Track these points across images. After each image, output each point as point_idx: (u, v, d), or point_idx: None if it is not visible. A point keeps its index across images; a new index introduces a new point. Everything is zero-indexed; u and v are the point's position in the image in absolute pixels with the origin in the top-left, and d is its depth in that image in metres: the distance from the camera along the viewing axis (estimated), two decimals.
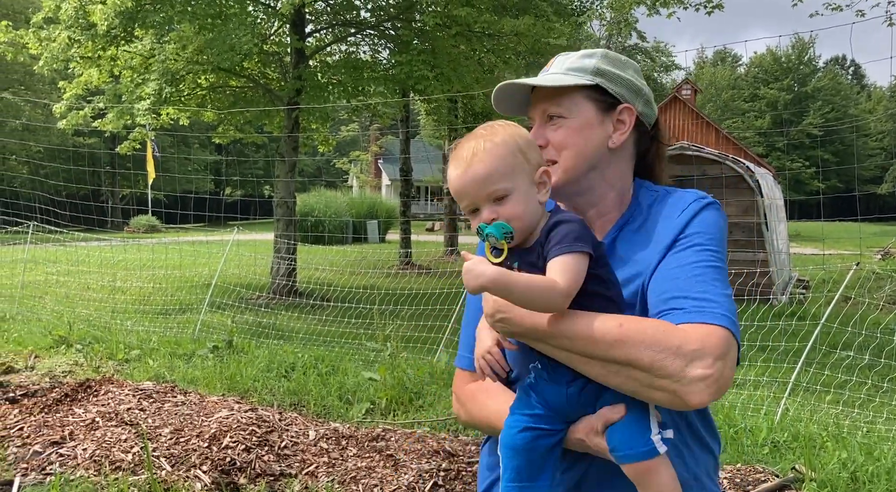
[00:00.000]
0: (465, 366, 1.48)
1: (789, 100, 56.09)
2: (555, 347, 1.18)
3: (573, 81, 1.33)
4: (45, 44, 10.30)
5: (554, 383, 1.22)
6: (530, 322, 1.18)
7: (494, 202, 1.21)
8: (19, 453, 3.78)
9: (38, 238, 10.84)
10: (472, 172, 1.21)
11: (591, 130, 1.34)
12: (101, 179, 38.57)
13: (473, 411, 1.41)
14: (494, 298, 1.20)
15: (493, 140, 1.23)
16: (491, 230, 1.19)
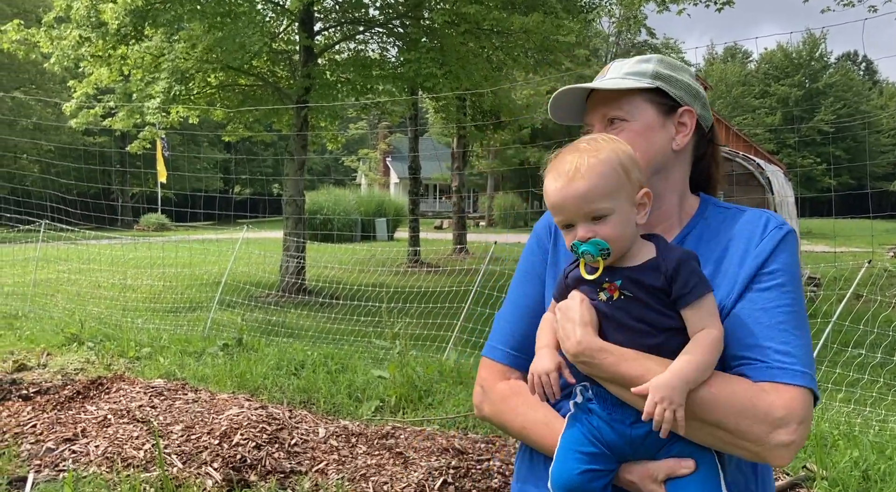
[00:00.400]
0: (499, 359, 1.42)
1: (800, 96, 55.71)
2: (637, 397, 1.14)
3: (634, 85, 1.32)
4: (56, 42, 10.36)
5: (616, 422, 1.18)
6: (619, 372, 1.15)
7: (592, 221, 1.17)
8: (33, 449, 3.81)
9: (50, 236, 10.91)
10: (573, 189, 1.18)
11: (653, 133, 1.32)
12: (111, 177, 38.80)
13: (504, 414, 1.37)
14: (583, 339, 1.16)
15: (598, 156, 1.19)
16: (587, 248, 1.16)
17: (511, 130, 22.69)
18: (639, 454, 1.18)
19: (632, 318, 1.17)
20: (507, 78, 14.67)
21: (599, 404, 1.20)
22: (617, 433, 1.17)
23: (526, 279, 1.44)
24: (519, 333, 1.40)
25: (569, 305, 1.21)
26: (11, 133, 32.44)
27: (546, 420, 1.29)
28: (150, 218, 32.28)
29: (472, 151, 25.27)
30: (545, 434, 1.28)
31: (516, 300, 1.43)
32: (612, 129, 1.32)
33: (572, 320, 1.19)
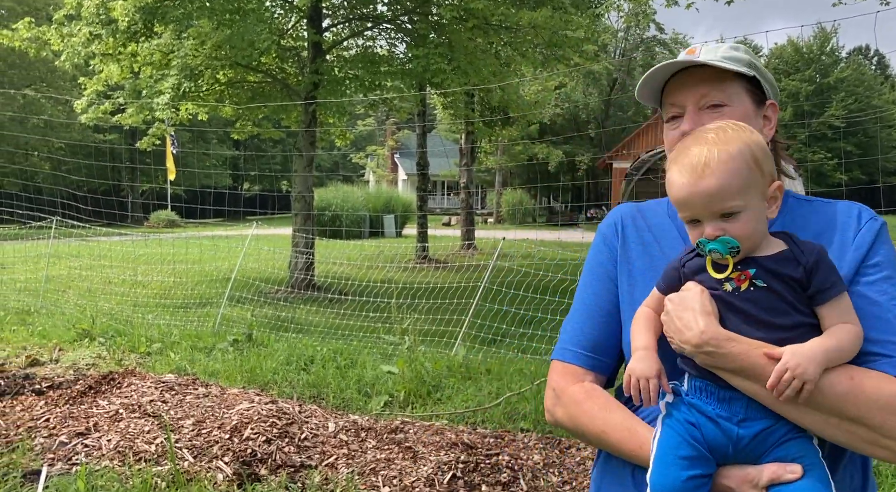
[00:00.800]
0: (570, 360, 1.36)
1: (811, 91, 55.30)
2: (762, 387, 1.08)
3: (741, 69, 1.26)
4: (66, 40, 10.42)
5: (723, 419, 1.11)
6: (749, 361, 1.09)
7: (721, 218, 1.12)
8: (46, 443, 3.85)
9: (61, 233, 10.99)
10: (704, 186, 1.11)
11: (750, 123, 1.25)
12: (121, 174, 39.02)
13: (580, 418, 1.30)
14: (707, 328, 1.11)
15: (728, 150, 1.12)
16: (715, 246, 1.11)
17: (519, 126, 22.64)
18: (741, 457, 1.11)
19: (762, 309, 1.11)
20: (516, 74, 14.64)
21: (704, 400, 1.14)
22: (723, 432, 1.11)
23: (595, 279, 1.40)
24: (590, 333, 1.36)
25: (685, 295, 1.17)
26: (22, 130, 32.67)
27: (626, 424, 1.24)
28: (160, 215, 32.46)
29: (481, 147, 25.23)
30: (626, 438, 1.23)
31: (585, 300, 1.40)
32: (710, 112, 1.26)
33: (692, 310, 1.14)
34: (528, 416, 4.67)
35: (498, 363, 6.12)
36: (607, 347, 1.35)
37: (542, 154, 38.13)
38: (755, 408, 1.11)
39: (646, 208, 1.43)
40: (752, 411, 1.10)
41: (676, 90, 1.29)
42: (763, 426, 1.09)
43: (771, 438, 1.09)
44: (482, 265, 8.48)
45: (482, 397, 5.09)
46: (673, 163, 1.17)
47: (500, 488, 3.51)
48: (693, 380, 1.17)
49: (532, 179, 41.32)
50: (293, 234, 11.58)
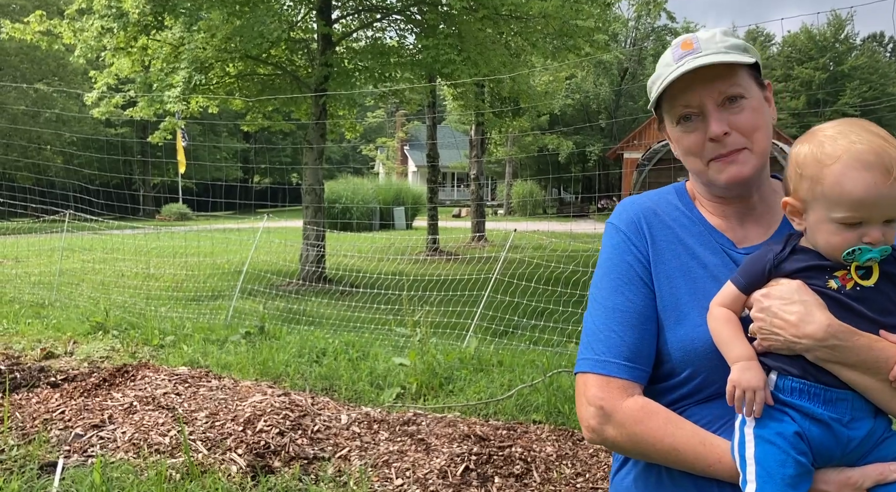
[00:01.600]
0: (615, 374, 1.26)
1: (824, 79, 54.72)
2: (880, 381, 1.06)
3: (749, 60, 1.24)
4: (78, 34, 10.45)
5: (834, 421, 1.07)
6: (872, 355, 1.05)
7: (885, 224, 1.07)
8: (62, 435, 3.88)
9: (74, 226, 11.07)
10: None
11: (764, 109, 1.26)
12: (132, 167, 39.22)
13: (645, 436, 1.20)
14: (833, 321, 1.07)
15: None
16: (875, 254, 1.07)
17: (529, 117, 22.55)
18: (846, 460, 1.08)
19: (871, 308, 1.09)
20: (526, 64, 14.55)
21: (806, 400, 1.09)
22: (834, 435, 1.07)
23: (625, 283, 1.30)
24: (631, 342, 1.26)
25: (785, 289, 1.12)
26: (35, 125, 32.89)
27: (700, 437, 1.16)
28: (171, 208, 32.66)
29: (491, 138, 25.15)
30: (702, 453, 1.15)
31: (618, 307, 1.29)
32: (731, 108, 1.23)
33: (803, 303, 1.09)
34: (540, 408, 4.66)
35: (510, 355, 6.11)
36: (648, 355, 1.27)
37: (553, 145, 37.99)
38: (859, 408, 1.08)
39: (657, 204, 1.37)
40: (857, 412, 1.08)
41: (687, 91, 1.24)
42: (869, 426, 1.07)
43: (874, 437, 1.07)
44: (493, 257, 8.46)
45: (494, 389, 5.09)
46: (858, 160, 1.07)
47: (513, 480, 3.51)
48: (786, 381, 1.11)
49: (542, 170, 41.19)
50: (304, 226, 11.60)
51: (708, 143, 1.23)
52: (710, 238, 1.29)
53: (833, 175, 1.07)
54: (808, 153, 1.13)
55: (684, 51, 1.25)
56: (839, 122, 1.14)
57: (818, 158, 1.10)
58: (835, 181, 1.07)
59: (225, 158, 43.97)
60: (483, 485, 3.45)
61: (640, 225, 1.33)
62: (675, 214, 1.35)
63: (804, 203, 1.14)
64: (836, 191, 1.07)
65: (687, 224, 1.33)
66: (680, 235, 1.31)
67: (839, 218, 1.08)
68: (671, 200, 1.37)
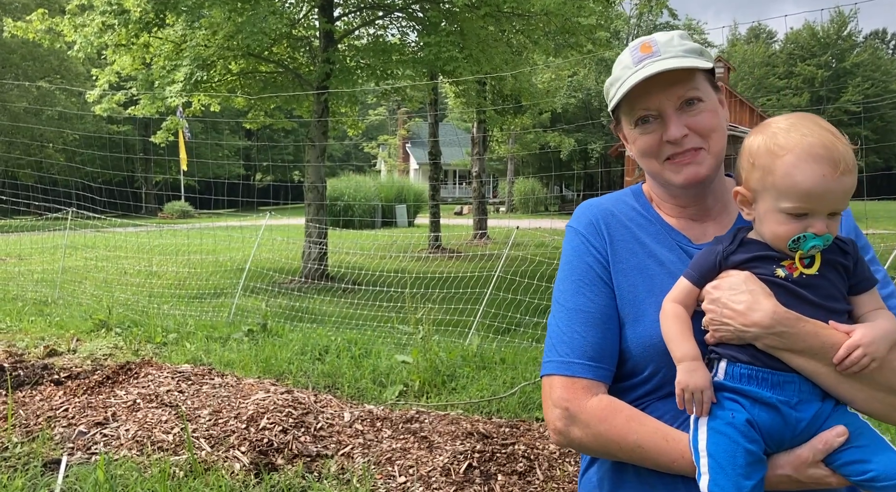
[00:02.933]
0: (579, 374, 1.26)
1: (827, 77, 54.57)
2: (826, 366, 1.09)
3: (706, 64, 1.26)
4: (79, 30, 10.45)
5: (783, 403, 1.10)
6: (818, 341, 1.09)
7: (830, 216, 1.11)
8: (65, 433, 3.89)
9: (77, 224, 11.08)
10: (844, 184, 1.10)
11: (720, 112, 1.28)
12: (134, 165, 39.26)
13: (609, 435, 1.21)
14: (778, 309, 1.10)
15: (851, 149, 1.12)
16: (818, 242, 1.10)
17: (531, 115, 22.53)
18: (795, 443, 1.10)
19: (818, 295, 1.13)
20: (528, 61, 14.53)
21: (755, 385, 1.12)
22: (783, 418, 1.09)
23: (586, 284, 1.31)
24: (594, 342, 1.27)
25: (734, 280, 1.15)
26: (37, 122, 32.92)
27: (662, 432, 1.18)
28: (173, 205, 32.66)
29: (493, 135, 25.12)
30: (666, 449, 1.16)
31: (580, 308, 1.30)
32: (689, 110, 1.25)
33: (751, 292, 1.12)
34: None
35: (512, 353, 6.11)
36: (612, 354, 1.28)
37: (555, 142, 37.93)
38: (806, 390, 1.11)
39: (615, 206, 1.39)
40: (804, 393, 1.11)
41: (645, 93, 1.25)
42: (817, 407, 1.10)
43: (820, 419, 1.10)
44: (495, 254, 8.46)
45: (497, 387, 5.09)
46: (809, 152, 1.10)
47: (516, 478, 3.51)
48: (734, 368, 1.14)
49: (544, 167, 41.15)
50: (306, 224, 11.60)
51: (665, 144, 1.26)
52: (667, 236, 1.32)
53: (784, 166, 1.10)
54: (760, 144, 1.15)
55: (643, 54, 1.26)
56: (791, 115, 1.17)
57: (770, 149, 1.13)
58: (785, 172, 1.10)
59: (227, 156, 43.99)
60: (486, 482, 3.45)
61: (598, 226, 1.35)
62: (632, 215, 1.36)
63: (754, 193, 1.16)
64: (786, 182, 1.10)
65: (644, 224, 1.35)
66: (637, 234, 1.34)
67: (787, 208, 1.11)
68: (628, 202, 1.39)
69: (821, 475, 1.09)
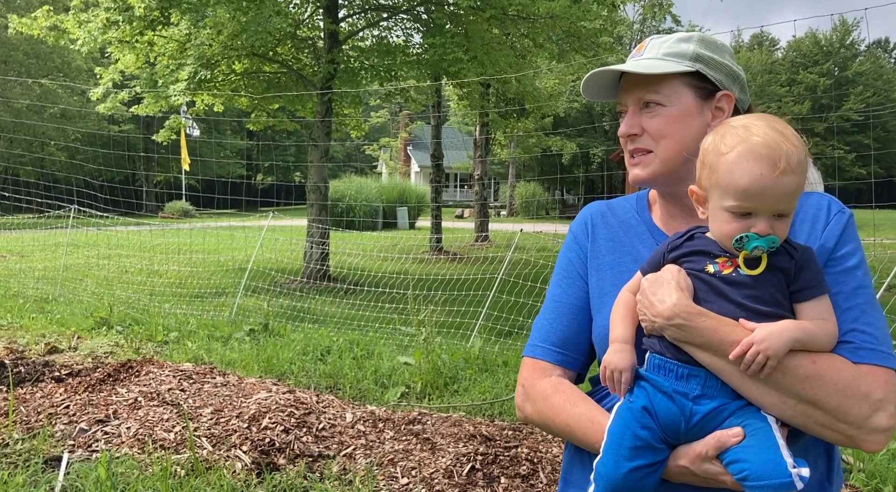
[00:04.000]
0: (539, 356, 1.38)
1: (829, 85, 54.62)
2: (728, 363, 1.10)
3: (671, 68, 1.26)
4: (83, 25, 10.44)
5: (679, 395, 1.13)
6: (717, 336, 1.10)
7: (775, 217, 1.11)
8: (66, 430, 3.86)
9: (78, 222, 11.06)
10: (784, 184, 1.09)
11: (690, 119, 1.27)
12: (136, 164, 39.27)
13: (546, 413, 1.31)
14: (679, 302, 1.12)
15: (800, 154, 1.11)
16: (761, 243, 1.10)
17: (534, 119, 22.53)
18: (692, 435, 1.12)
19: (742, 295, 1.12)
20: (532, 65, 14.53)
21: (662, 376, 1.15)
22: (678, 407, 1.12)
23: (564, 278, 1.41)
24: (559, 329, 1.37)
25: (660, 273, 1.19)
26: (39, 120, 32.94)
27: (590, 415, 1.25)
28: (174, 205, 32.66)
29: (495, 139, 25.13)
30: (590, 430, 1.23)
31: (555, 298, 1.41)
32: (646, 112, 1.28)
33: (666, 286, 1.15)
34: None
35: (515, 355, 6.09)
36: (577, 342, 1.36)
37: (556, 147, 37.94)
38: (712, 386, 1.12)
39: (616, 205, 1.45)
40: (708, 389, 1.12)
41: (622, 90, 1.33)
42: (716, 404, 1.11)
43: (721, 416, 1.11)
44: (497, 257, 8.44)
45: (499, 389, 5.07)
46: (750, 150, 1.10)
47: (519, 481, 3.49)
48: (653, 358, 1.17)
49: (546, 171, 41.15)
50: (308, 224, 11.58)
51: (625, 139, 1.33)
52: (650, 236, 1.36)
53: (726, 164, 1.12)
54: (710, 143, 1.17)
55: (637, 52, 1.34)
56: (749, 115, 1.18)
57: (717, 148, 1.14)
58: (726, 170, 1.12)
59: (228, 156, 44.00)
60: (489, 485, 3.43)
61: (587, 225, 1.43)
62: (626, 216, 1.42)
63: (705, 191, 1.18)
64: (726, 179, 1.11)
65: (633, 225, 1.40)
66: (620, 233, 1.39)
67: (729, 206, 1.12)
68: (629, 204, 1.44)
69: (714, 471, 1.10)
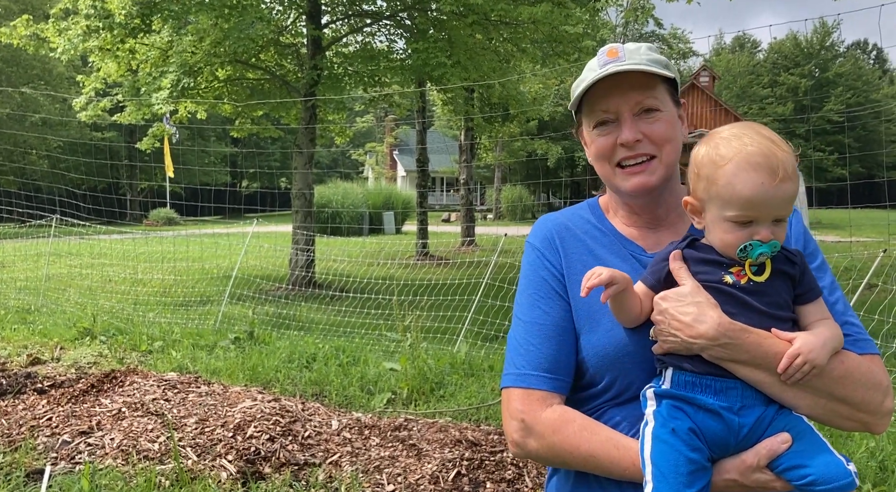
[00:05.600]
0: (535, 386, 1.27)
1: (810, 86, 55.24)
2: (770, 375, 1.11)
3: (669, 74, 1.28)
4: (63, 33, 10.37)
5: (725, 410, 1.12)
6: (761, 351, 1.11)
7: (774, 223, 1.14)
8: (49, 442, 3.83)
9: (60, 231, 10.96)
10: (784, 191, 1.12)
11: (677, 125, 1.31)
12: (119, 172, 38.95)
13: (562, 445, 1.22)
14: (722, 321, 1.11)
15: (793, 160, 1.14)
16: (765, 249, 1.12)
17: (518, 123, 22.61)
18: (740, 447, 1.12)
19: (762, 303, 1.14)
20: (515, 69, 14.60)
21: (699, 392, 1.14)
22: (726, 424, 1.11)
23: (541, 298, 1.33)
24: (549, 354, 1.28)
25: (682, 290, 1.17)
26: (20, 129, 32.60)
27: (614, 441, 1.19)
28: (158, 213, 32.43)
29: (480, 143, 25.19)
30: (617, 457, 1.17)
31: (536, 321, 1.32)
32: (646, 117, 1.27)
33: (697, 304, 1.14)
34: None
35: (501, 360, 6.10)
36: (567, 365, 1.29)
37: (542, 150, 38.08)
38: (749, 396, 1.13)
39: (570, 219, 1.41)
40: (747, 399, 1.13)
41: (606, 96, 1.28)
42: (759, 413, 1.12)
43: (764, 423, 1.12)
44: (483, 262, 8.46)
45: (485, 394, 5.08)
46: (747, 162, 1.12)
47: (505, 486, 3.50)
48: (681, 376, 1.16)
49: (531, 174, 41.31)
50: (293, 231, 11.55)
51: (618, 147, 1.27)
52: (621, 246, 1.33)
53: (725, 176, 1.13)
54: (704, 154, 1.18)
55: (609, 58, 1.28)
56: (735, 125, 1.20)
57: (713, 160, 1.15)
58: (727, 182, 1.13)
59: (213, 163, 43.75)
60: (475, 490, 3.44)
61: (553, 241, 1.37)
62: (587, 227, 1.38)
63: (702, 202, 1.19)
64: (727, 191, 1.13)
65: (598, 236, 1.36)
66: (591, 246, 1.35)
67: (731, 216, 1.13)
68: (584, 215, 1.41)
69: (765, 480, 1.10)
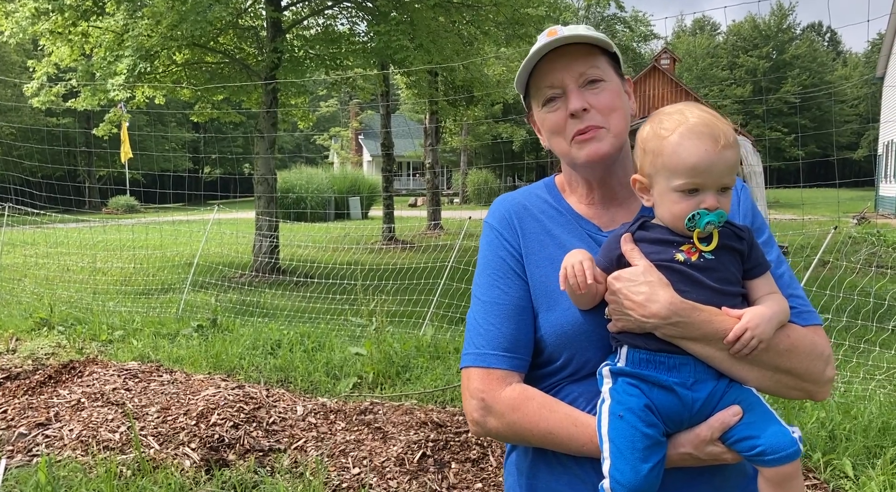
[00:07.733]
0: (494, 365, 1.29)
1: (768, 68, 56.24)
2: (720, 350, 1.15)
3: (610, 47, 1.30)
4: (10, 16, 10.00)
5: (678, 385, 1.14)
6: (712, 328, 1.14)
7: (720, 192, 1.17)
8: (4, 435, 3.76)
9: (14, 220, 10.66)
10: (726, 157, 1.15)
11: (623, 96, 1.32)
12: (76, 159, 37.91)
13: (521, 423, 1.24)
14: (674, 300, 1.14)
15: (733, 132, 1.19)
16: (713, 218, 1.14)
17: (483, 106, 22.59)
18: (694, 421, 1.15)
19: (714, 278, 1.17)
20: (479, 52, 14.56)
21: (653, 369, 1.16)
22: (680, 399, 1.14)
23: (500, 278, 1.34)
24: (509, 333, 1.29)
25: (635, 270, 1.18)
26: None
27: (572, 418, 1.21)
28: (118, 200, 31.74)
29: (445, 127, 25.13)
30: (575, 433, 1.20)
31: (495, 300, 1.33)
32: (591, 88, 1.28)
33: (649, 283, 1.16)
34: None
35: None
36: (526, 343, 1.30)
37: (507, 133, 38.16)
38: (701, 371, 1.16)
39: (527, 199, 1.42)
40: (699, 374, 1.15)
41: (549, 72, 1.30)
42: (711, 387, 1.15)
43: (716, 397, 1.15)
44: (448, 245, 8.48)
45: (451, 376, 5.12)
46: (689, 130, 1.16)
47: (469, 465, 3.54)
48: (635, 353, 1.18)
49: (497, 158, 41.35)
50: (256, 217, 11.42)
51: (569, 119, 1.29)
52: (577, 225, 1.35)
53: (671, 145, 1.17)
54: (649, 130, 1.22)
55: (549, 37, 1.30)
56: (677, 104, 1.24)
57: (657, 133, 1.20)
58: (672, 151, 1.17)
59: (173, 149, 42.85)
60: (440, 471, 3.48)
61: (511, 220, 1.38)
62: (544, 207, 1.39)
63: (649, 178, 1.22)
64: (673, 160, 1.16)
65: (554, 215, 1.38)
66: (547, 225, 1.37)
67: (678, 185, 1.17)
68: (540, 194, 1.42)
69: (718, 452, 1.14)
